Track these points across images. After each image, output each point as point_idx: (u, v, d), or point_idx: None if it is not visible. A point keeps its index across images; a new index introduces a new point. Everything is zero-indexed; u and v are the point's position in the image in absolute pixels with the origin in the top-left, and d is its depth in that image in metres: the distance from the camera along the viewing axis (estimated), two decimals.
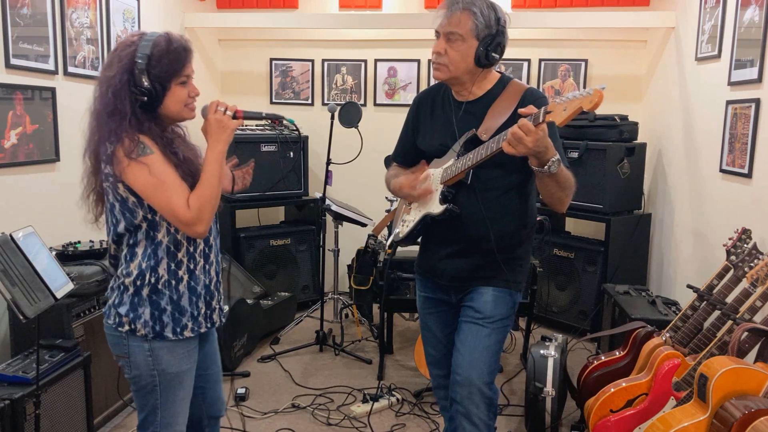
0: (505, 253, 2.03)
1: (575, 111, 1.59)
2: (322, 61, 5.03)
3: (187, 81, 1.74)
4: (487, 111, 2.00)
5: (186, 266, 1.77)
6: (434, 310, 2.22)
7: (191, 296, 1.78)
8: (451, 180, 1.98)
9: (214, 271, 1.85)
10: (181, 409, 1.85)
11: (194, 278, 1.79)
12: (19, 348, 2.61)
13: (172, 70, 1.68)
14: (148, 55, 1.65)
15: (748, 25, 3.04)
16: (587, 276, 4.13)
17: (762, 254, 2.54)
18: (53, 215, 3.14)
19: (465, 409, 2.01)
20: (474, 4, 1.91)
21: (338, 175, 4.53)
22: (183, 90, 1.73)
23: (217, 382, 2.02)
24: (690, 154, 3.75)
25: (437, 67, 1.99)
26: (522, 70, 4.81)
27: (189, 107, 1.77)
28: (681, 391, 2.32)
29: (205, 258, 1.82)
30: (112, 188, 1.71)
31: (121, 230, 1.74)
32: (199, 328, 1.81)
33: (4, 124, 2.80)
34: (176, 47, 1.69)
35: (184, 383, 1.83)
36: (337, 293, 4.48)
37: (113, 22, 3.60)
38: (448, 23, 1.93)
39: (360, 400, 3.26)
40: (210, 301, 1.84)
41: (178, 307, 1.76)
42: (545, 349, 2.84)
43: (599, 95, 1.56)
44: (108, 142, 1.66)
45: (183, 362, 1.80)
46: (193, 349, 1.83)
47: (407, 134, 2.23)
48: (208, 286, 1.83)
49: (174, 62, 1.68)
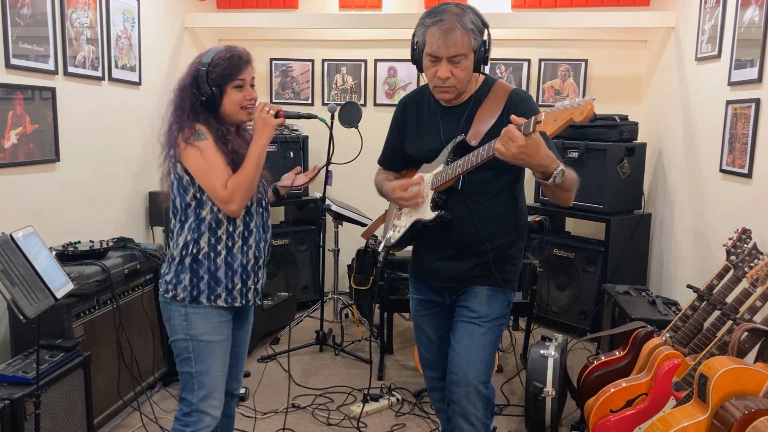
0: (497, 253, 2.03)
1: (566, 122, 1.59)
2: (322, 61, 5.03)
3: (242, 85, 1.98)
4: (473, 114, 1.99)
5: (225, 243, 2.00)
6: (427, 312, 2.22)
7: (227, 270, 2.00)
8: (442, 186, 1.98)
9: (252, 254, 2.05)
10: (214, 383, 2.02)
11: (231, 255, 2.01)
12: (19, 348, 2.61)
13: (226, 74, 1.95)
14: (209, 63, 1.95)
15: (748, 25, 3.04)
16: (587, 276, 4.13)
17: (762, 254, 2.54)
18: (53, 215, 3.14)
19: (462, 409, 2.02)
20: (467, 20, 1.88)
21: (338, 175, 4.53)
22: (238, 93, 1.98)
23: (241, 361, 2.22)
24: (690, 154, 3.75)
25: (446, 90, 1.96)
26: (522, 70, 4.81)
27: (245, 110, 2.01)
28: (681, 391, 2.32)
29: (244, 240, 2.03)
30: (173, 167, 2.00)
31: (177, 205, 2.02)
32: (233, 302, 2.02)
33: (4, 124, 2.81)
34: (232, 55, 1.97)
35: (216, 355, 2.01)
36: (337, 293, 4.48)
37: (113, 22, 3.60)
38: (452, 46, 1.87)
39: (360, 400, 3.26)
40: (246, 280, 2.04)
41: (215, 277, 1.99)
42: (545, 349, 2.84)
43: (590, 106, 1.55)
44: (172, 129, 1.97)
45: (215, 332, 2.00)
46: (225, 322, 2.03)
47: (393, 138, 2.22)
48: (245, 266, 2.03)
49: (229, 68, 1.95)
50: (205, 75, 1.94)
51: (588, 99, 1.57)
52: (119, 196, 3.73)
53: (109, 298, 2.89)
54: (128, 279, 3.03)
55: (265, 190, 2.16)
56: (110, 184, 3.63)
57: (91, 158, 3.44)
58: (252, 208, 2.05)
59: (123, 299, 3.01)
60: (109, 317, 2.89)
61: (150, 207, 4.00)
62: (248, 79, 2.00)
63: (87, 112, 3.40)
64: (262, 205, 2.11)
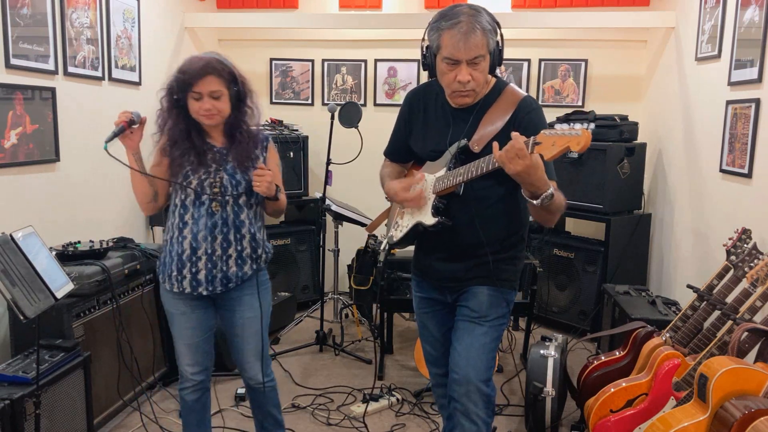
0: (497, 254, 2.04)
1: (563, 149, 1.59)
2: (322, 61, 5.03)
3: (198, 98, 2.11)
4: (479, 118, 1.98)
5: (168, 233, 2.25)
6: (430, 310, 2.23)
7: (166, 258, 2.24)
8: (443, 192, 1.98)
9: (188, 245, 2.18)
10: (180, 349, 2.30)
11: (171, 244, 2.22)
12: (19, 348, 2.61)
13: (185, 84, 2.10)
14: (177, 70, 2.15)
15: (748, 25, 3.04)
16: (587, 276, 4.13)
17: (762, 254, 2.54)
18: (53, 215, 3.14)
19: (463, 407, 2.02)
20: (484, 22, 1.85)
21: (338, 175, 4.52)
22: (195, 103, 2.12)
23: (243, 351, 2.33)
24: (690, 154, 3.75)
25: (466, 94, 1.93)
26: (522, 70, 4.81)
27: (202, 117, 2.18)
28: (681, 391, 2.32)
29: (179, 231, 2.20)
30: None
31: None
32: (171, 287, 2.23)
33: (4, 124, 2.80)
34: (188, 68, 2.11)
35: (175, 326, 2.29)
36: (337, 293, 4.48)
37: (113, 22, 3.60)
38: (474, 48, 1.84)
39: (360, 400, 3.26)
40: (181, 269, 2.20)
41: (163, 262, 2.26)
42: (545, 349, 2.84)
43: (587, 138, 1.56)
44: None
45: (172, 306, 2.27)
46: (179, 301, 2.25)
47: (400, 132, 2.20)
48: (180, 255, 2.19)
49: (185, 79, 2.10)
50: (174, 81, 2.12)
51: (585, 128, 1.58)
52: (119, 196, 3.73)
53: (109, 298, 2.89)
54: (128, 279, 3.03)
55: (233, 187, 2.19)
56: (110, 184, 3.63)
57: (91, 158, 3.44)
58: (187, 201, 2.19)
59: (123, 299, 3.01)
60: (109, 317, 2.89)
61: None
62: (205, 91, 2.09)
63: (87, 112, 3.40)
64: (223, 199, 2.18)
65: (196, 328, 2.28)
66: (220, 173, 2.18)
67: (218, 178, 2.18)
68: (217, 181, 2.17)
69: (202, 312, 2.28)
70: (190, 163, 2.17)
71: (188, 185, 2.17)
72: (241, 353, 2.34)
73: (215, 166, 2.19)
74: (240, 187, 2.20)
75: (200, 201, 2.17)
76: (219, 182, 2.17)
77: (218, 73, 2.10)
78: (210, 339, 2.34)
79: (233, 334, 2.32)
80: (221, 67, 2.11)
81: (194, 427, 2.40)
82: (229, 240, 2.20)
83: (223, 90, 2.12)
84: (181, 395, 2.36)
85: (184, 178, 2.17)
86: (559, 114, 4.33)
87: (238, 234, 2.21)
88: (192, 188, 2.17)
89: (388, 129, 2.26)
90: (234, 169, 2.20)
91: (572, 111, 4.35)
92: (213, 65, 2.09)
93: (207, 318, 2.30)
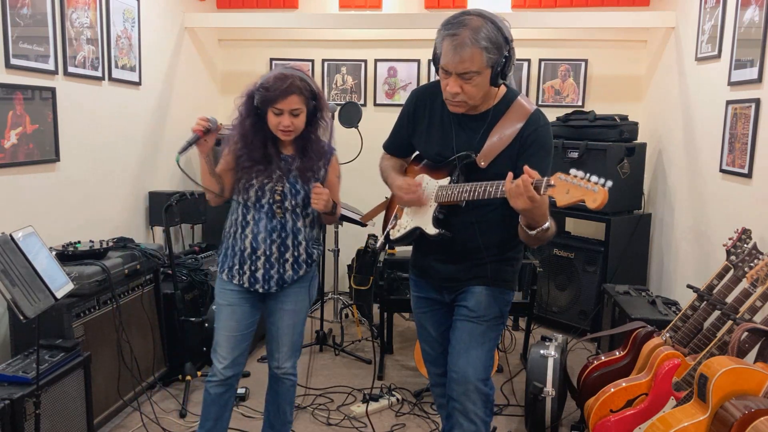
0: (495, 256, 2.04)
1: (577, 200, 1.57)
2: (322, 61, 5.03)
3: (279, 113, 2.18)
4: (488, 131, 1.96)
5: (231, 228, 2.35)
6: (428, 310, 2.23)
7: (228, 251, 2.34)
8: (447, 203, 1.98)
9: (249, 243, 2.28)
10: (219, 340, 2.35)
11: (234, 239, 2.32)
12: (19, 348, 2.61)
13: (266, 99, 2.17)
14: (260, 83, 2.22)
15: (748, 25, 3.04)
16: (587, 276, 4.13)
17: (762, 254, 2.54)
18: (53, 215, 3.14)
19: (462, 406, 2.03)
20: (481, 37, 1.78)
21: None
22: (275, 118, 2.19)
23: (274, 340, 2.43)
24: (690, 154, 3.75)
25: (457, 104, 1.91)
26: (522, 70, 4.81)
27: (280, 132, 2.24)
28: (681, 391, 2.32)
29: (242, 229, 2.30)
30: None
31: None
32: (231, 279, 2.32)
33: (4, 124, 2.80)
34: (272, 86, 2.17)
35: (220, 317, 2.36)
36: (337, 293, 4.48)
37: (113, 22, 3.60)
38: (460, 63, 1.80)
39: (360, 400, 3.26)
40: (242, 264, 2.30)
41: (225, 254, 2.35)
42: (545, 349, 2.84)
43: (603, 196, 1.53)
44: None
45: (221, 297, 2.36)
46: (230, 291, 2.33)
47: (402, 128, 2.18)
48: (242, 252, 2.29)
49: (268, 94, 2.17)
50: (257, 95, 2.19)
51: (603, 186, 1.54)
52: (119, 196, 3.73)
53: (109, 298, 2.89)
54: (128, 279, 3.03)
55: (293, 196, 2.27)
56: (110, 184, 3.63)
57: (91, 158, 3.44)
58: (248, 202, 2.27)
59: (123, 299, 3.01)
60: (109, 317, 2.89)
61: (150, 207, 3.99)
62: (286, 109, 2.16)
63: (87, 112, 3.40)
64: (283, 206, 2.26)
65: (240, 322, 2.36)
66: (283, 181, 2.26)
67: (280, 185, 2.26)
68: (278, 188, 2.26)
69: (248, 307, 2.36)
70: (258, 170, 2.25)
71: (251, 187, 2.26)
72: (274, 341, 2.42)
73: (279, 173, 2.26)
74: (299, 197, 2.28)
75: (260, 204, 2.27)
76: (281, 189, 2.26)
77: (300, 92, 2.17)
78: (248, 337, 2.40)
79: (271, 322, 2.42)
80: (303, 86, 2.18)
81: (212, 421, 2.41)
82: (287, 245, 2.30)
83: (302, 108, 2.20)
84: (207, 387, 2.39)
85: (247, 180, 2.26)
86: (559, 114, 4.33)
87: (296, 240, 2.31)
88: (253, 191, 2.26)
89: (389, 129, 2.26)
90: (296, 178, 2.28)
91: (572, 111, 4.34)
92: (297, 84, 2.16)
93: (252, 314, 2.39)
